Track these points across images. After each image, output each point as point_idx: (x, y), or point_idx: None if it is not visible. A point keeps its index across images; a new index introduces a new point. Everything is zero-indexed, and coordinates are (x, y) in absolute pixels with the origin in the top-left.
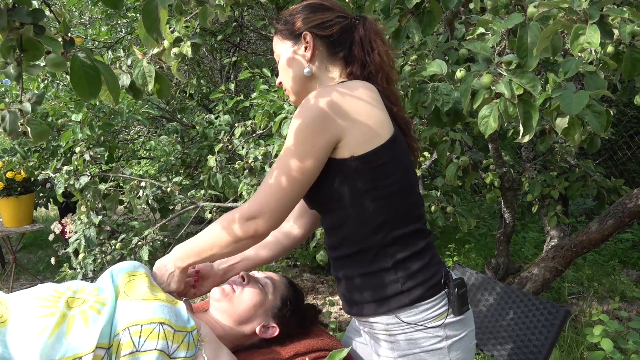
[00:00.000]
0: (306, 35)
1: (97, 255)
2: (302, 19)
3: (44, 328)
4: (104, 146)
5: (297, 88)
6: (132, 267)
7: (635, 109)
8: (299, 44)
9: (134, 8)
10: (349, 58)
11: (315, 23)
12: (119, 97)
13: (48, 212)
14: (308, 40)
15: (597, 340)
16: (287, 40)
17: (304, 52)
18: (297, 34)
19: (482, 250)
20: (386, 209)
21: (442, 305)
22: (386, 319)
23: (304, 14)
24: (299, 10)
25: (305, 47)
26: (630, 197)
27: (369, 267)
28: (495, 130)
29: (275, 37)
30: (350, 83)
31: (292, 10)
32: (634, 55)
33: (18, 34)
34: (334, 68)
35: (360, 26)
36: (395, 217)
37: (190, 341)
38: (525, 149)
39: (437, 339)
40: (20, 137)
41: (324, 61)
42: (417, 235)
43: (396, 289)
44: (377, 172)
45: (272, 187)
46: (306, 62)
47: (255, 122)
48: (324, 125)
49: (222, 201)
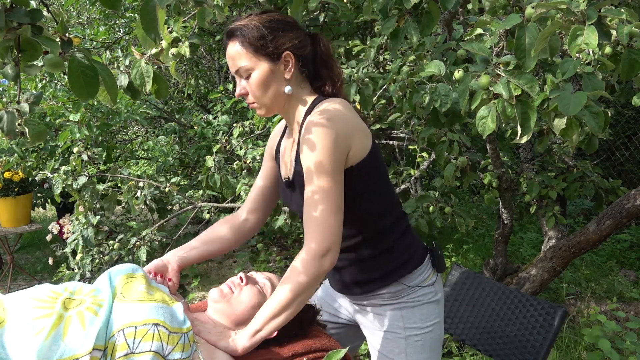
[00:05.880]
0: (288, 55)
1: (94, 255)
2: (282, 37)
3: (41, 329)
4: (102, 146)
5: (272, 104)
6: (131, 270)
7: (633, 110)
8: (278, 63)
9: (132, 8)
10: (314, 75)
11: (294, 43)
12: (117, 98)
13: (46, 213)
14: (288, 60)
15: (595, 340)
16: (262, 57)
17: (284, 70)
18: (278, 53)
19: (480, 251)
20: (381, 200)
21: (429, 267)
22: (393, 288)
23: (282, 32)
24: (273, 27)
25: (284, 66)
26: (628, 198)
27: (375, 250)
28: (493, 131)
29: (242, 47)
30: (335, 100)
31: (263, 23)
32: (632, 56)
33: (16, 34)
34: (304, 85)
35: (318, 44)
36: (388, 206)
37: (185, 342)
38: (523, 149)
39: (432, 294)
40: (17, 137)
41: (298, 79)
42: (403, 217)
43: (398, 262)
44: (371, 174)
45: (327, 219)
46: (286, 81)
47: (254, 123)
48: (343, 146)
49: (220, 201)
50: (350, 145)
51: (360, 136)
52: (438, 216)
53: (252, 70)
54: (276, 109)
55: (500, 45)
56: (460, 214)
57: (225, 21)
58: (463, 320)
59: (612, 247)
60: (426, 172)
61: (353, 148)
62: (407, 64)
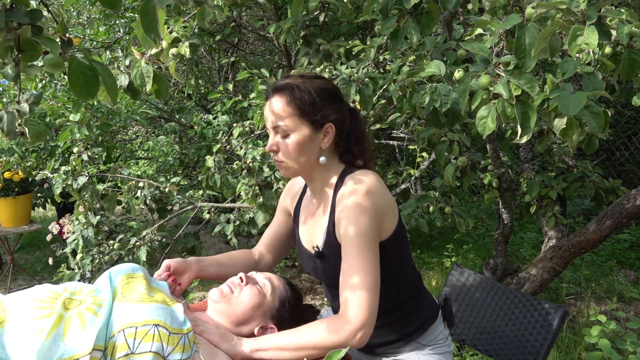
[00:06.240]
0: (330, 127)
1: (94, 255)
2: (329, 108)
3: (41, 329)
4: (102, 146)
5: (301, 168)
6: (131, 270)
7: (633, 110)
8: (318, 132)
9: (132, 8)
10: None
11: (339, 116)
12: (117, 98)
13: (46, 213)
14: (329, 131)
15: (595, 340)
16: (306, 122)
17: (322, 140)
18: (322, 122)
19: (480, 251)
20: (405, 271)
21: (441, 322)
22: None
23: (330, 104)
24: (323, 95)
25: (324, 135)
26: (628, 198)
27: (394, 317)
28: (493, 131)
29: (288, 106)
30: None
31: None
32: (632, 56)
33: (16, 34)
34: (334, 155)
35: (355, 119)
36: (410, 275)
37: (185, 343)
38: (523, 149)
39: (445, 346)
40: (18, 137)
41: (331, 149)
42: (419, 281)
43: (415, 326)
44: (398, 246)
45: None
46: (321, 150)
47: (254, 123)
48: (379, 221)
49: (220, 201)
50: (383, 220)
51: (391, 211)
52: (438, 216)
53: (291, 132)
54: (302, 174)
55: (500, 45)
56: (460, 214)
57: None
58: (463, 320)
59: (612, 247)
60: (426, 172)
61: (386, 223)
62: (407, 64)
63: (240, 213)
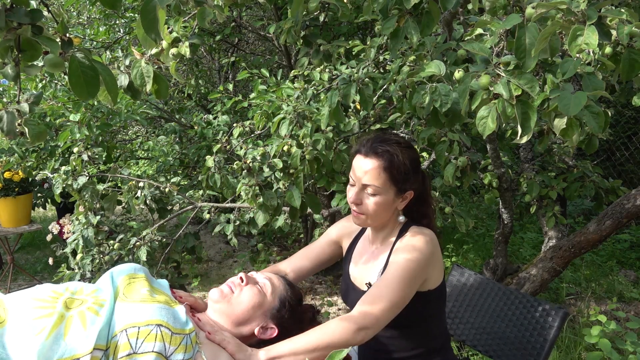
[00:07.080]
0: (410, 193)
1: (95, 255)
2: (415, 178)
3: (42, 329)
4: (102, 146)
5: (376, 223)
6: (133, 270)
7: (633, 110)
8: (400, 196)
9: (132, 8)
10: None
11: (418, 185)
12: (117, 97)
13: (46, 213)
14: (407, 196)
15: (595, 340)
16: (393, 187)
17: (401, 202)
18: (406, 189)
19: (480, 251)
20: (441, 324)
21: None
22: None
23: (415, 174)
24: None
25: (403, 199)
26: (628, 198)
27: None
28: (493, 130)
29: (384, 172)
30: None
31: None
32: (632, 56)
33: (16, 34)
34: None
35: (424, 183)
36: (444, 329)
37: (188, 343)
38: (523, 149)
39: None
40: (18, 137)
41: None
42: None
43: None
44: (440, 300)
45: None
46: (397, 211)
47: (254, 123)
48: (430, 267)
49: (221, 201)
50: (433, 270)
51: (440, 266)
52: (438, 216)
53: (379, 193)
54: (374, 225)
55: (501, 45)
56: (460, 214)
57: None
58: (463, 321)
59: (612, 247)
60: (426, 172)
61: (434, 274)
62: (407, 64)
63: (241, 213)
